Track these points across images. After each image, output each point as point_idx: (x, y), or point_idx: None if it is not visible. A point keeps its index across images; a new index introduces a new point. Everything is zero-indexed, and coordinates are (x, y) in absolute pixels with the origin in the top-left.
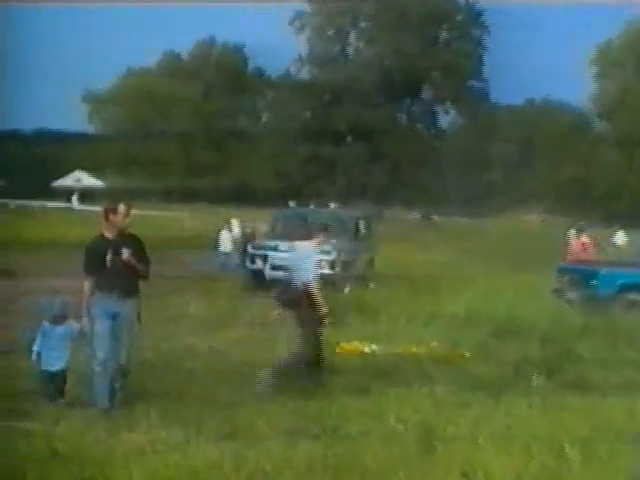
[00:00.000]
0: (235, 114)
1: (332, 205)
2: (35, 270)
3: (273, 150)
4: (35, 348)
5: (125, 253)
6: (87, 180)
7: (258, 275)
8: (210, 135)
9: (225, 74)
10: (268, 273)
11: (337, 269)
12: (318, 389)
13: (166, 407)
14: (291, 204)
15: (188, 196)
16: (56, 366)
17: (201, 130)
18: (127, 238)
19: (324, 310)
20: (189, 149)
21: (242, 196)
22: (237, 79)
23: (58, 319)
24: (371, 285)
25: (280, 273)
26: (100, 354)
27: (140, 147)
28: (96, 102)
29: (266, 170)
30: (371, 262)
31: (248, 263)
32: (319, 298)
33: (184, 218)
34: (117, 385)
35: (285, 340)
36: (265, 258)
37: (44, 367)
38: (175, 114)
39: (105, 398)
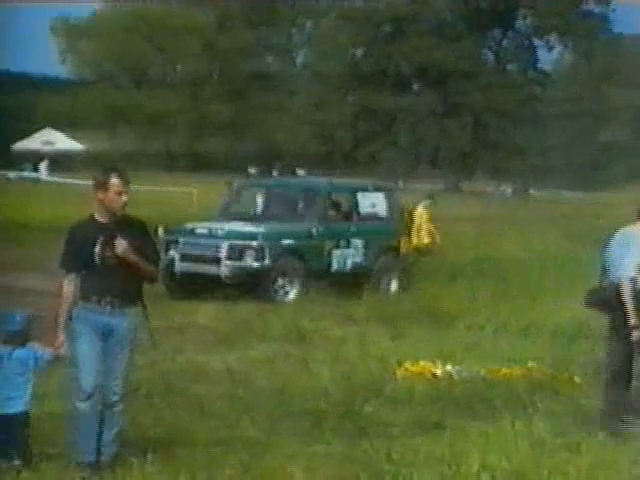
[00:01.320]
0: (261, 52)
1: (300, 172)
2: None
3: (311, 101)
4: None
5: (121, 245)
6: (61, 142)
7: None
8: (227, 81)
9: None
10: (178, 265)
11: (266, 261)
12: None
13: (169, 450)
14: (251, 170)
15: (197, 163)
16: (13, 408)
17: (215, 74)
18: (126, 223)
19: (633, 320)
20: (198, 100)
21: (268, 162)
22: (264, 3)
23: (16, 339)
24: (393, 285)
25: (195, 266)
26: (85, 385)
27: (132, 97)
28: (71, 35)
29: (301, 128)
30: (389, 251)
31: (162, 254)
32: (629, 302)
33: (192, 194)
34: (110, 431)
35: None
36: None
37: None
38: (179, 52)
39: (91, 448)
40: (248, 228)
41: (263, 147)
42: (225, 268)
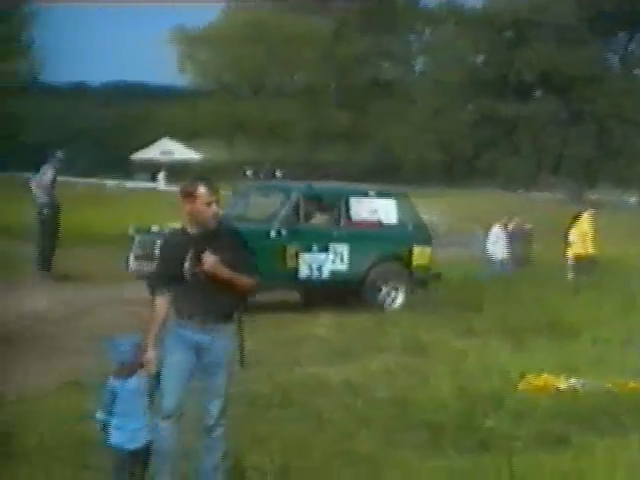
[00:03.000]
0: (379, 61)
1: (277, 173)
2: (106, 273)
3: (430, 109)
4: (99, 416)
5: (209, 260)
6: (178, 152)
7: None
8: (345, 90)
9: (365, 4)
10: (131, 263)
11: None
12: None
13: (287, 462)
14: (248, 172)
15: (313, 171)
16: (134, 442)
17: (332, 83)
18: (218, 234)
19: None
20: (315, 109)
21: (386, 172)
22: (382, 11)
23: (126, 369)
24: (398, 298)
25: (146, 265)
26: (166, 405)
27: (249, 106)
28: (189, 44)
29: (420, 137)
30: (392, 260)
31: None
32: None
33: None
34: (210, 458)
35: (444, 371)
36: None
37: (116, 443)
38: (297, 61)
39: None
40: None
41: (380, 156)
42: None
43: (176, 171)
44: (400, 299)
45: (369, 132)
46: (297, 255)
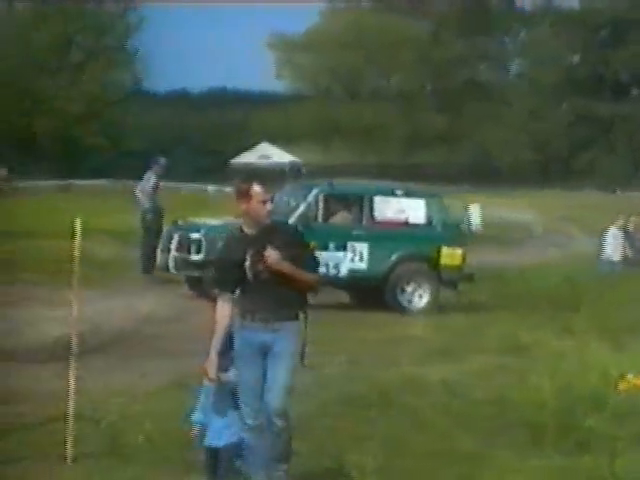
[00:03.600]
0: (475, 62)
1: (302, 170)
2: None
3: (526, 109)
4: (196, 417)
5: (271, 255)
6: (277, 156)
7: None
8: (441, 92)
9: (462, 6)
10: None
11: (202, 254)
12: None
13: (386, 462)
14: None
15: (410, 174)
16: (222, 439)
17: (428, 85)
18: (276, 231)
19: None
20: (412, 112)
21: (482, 173)
22: (478, 13)
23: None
24: (423, 299)
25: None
26: (247, 414)
27: (346, 110)
28: (286, 49)
29: (516, 138)
30: (416, 261)
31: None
32: None
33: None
34: (270, 450)
35: (543, 371)
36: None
37: (207, 442)
38: (393, 64)
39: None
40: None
41: (476, 157)
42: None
43: (274, 176)
44: (425, 299)
45: (465, 134)
46: None
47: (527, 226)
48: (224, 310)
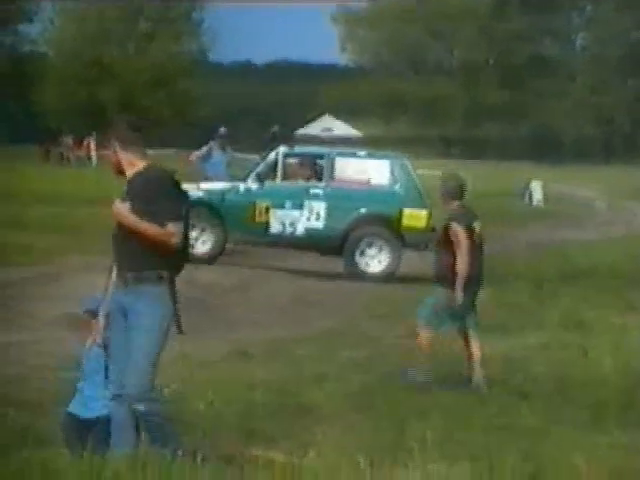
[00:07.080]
0: (539, 37)
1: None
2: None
3: (590, 85)
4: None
5: (114, 206)
6: (339, 129)
7: None
8: (503, 67)
9: None
10: None
11: None
12: None
13: (448, 434)
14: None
15: (472, 148)
16: (93, 411)
17: (491, 59)
18: (136, 183)
19: None
20: (474, 86)
21: (545, 149)
22: None
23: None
24: (382, 261)
25: None
26: (114, 383)
27: (409, 84)
28: (350, 23)
29: (579, 112)
30: (378, 221)
31: None
32: None
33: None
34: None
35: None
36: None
37: (73, 410)
38: (456, 39)
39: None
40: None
41: (539, 133)
42: None
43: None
44: (385, 263)
45: (528, 109)
46: (268, 211)
47: (591, 202)
48: (111, 268)
